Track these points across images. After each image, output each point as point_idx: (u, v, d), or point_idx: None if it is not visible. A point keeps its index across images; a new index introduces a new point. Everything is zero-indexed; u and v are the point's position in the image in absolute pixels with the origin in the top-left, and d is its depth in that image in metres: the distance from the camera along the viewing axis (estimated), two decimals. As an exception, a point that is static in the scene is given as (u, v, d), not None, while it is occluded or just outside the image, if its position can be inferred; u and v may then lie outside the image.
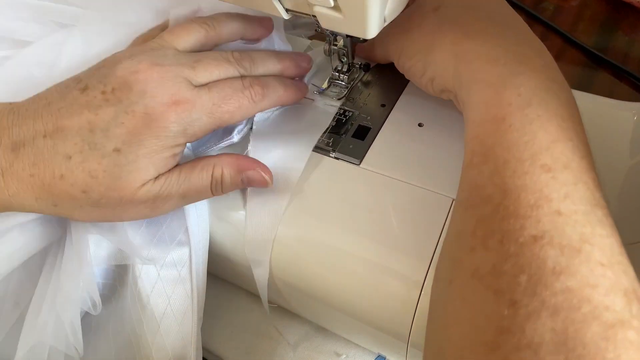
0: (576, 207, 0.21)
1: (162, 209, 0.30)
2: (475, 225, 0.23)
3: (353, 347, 0.37)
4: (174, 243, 0.32)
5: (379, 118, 0.36)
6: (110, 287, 0.34)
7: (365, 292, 0.30)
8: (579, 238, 0.20)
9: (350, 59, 0.37)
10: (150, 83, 0.28)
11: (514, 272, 0.20)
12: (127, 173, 0.27)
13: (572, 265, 0.20)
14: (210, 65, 0.30)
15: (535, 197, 0.22)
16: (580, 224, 0.21)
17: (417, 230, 0.29)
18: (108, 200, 0.28)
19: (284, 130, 0.35)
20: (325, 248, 0.30)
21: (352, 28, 0.27)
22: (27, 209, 0.28)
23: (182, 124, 0.28)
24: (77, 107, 0.27)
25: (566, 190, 0.22)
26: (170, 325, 0.30)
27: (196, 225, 0.32)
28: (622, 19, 0.58)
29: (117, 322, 0.33)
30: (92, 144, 0.27)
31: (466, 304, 0.22)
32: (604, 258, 0.20)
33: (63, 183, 0.27)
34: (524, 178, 0.22)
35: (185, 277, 0.31)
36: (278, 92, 0.33)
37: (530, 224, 0.21)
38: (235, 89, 0.30)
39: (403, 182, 0.32)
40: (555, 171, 0.22)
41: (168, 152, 0.28)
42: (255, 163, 0.32)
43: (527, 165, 0.23)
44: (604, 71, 0.53)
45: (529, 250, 0.20)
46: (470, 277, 0.22)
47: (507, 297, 0.20)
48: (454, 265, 0.24)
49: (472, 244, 0.23)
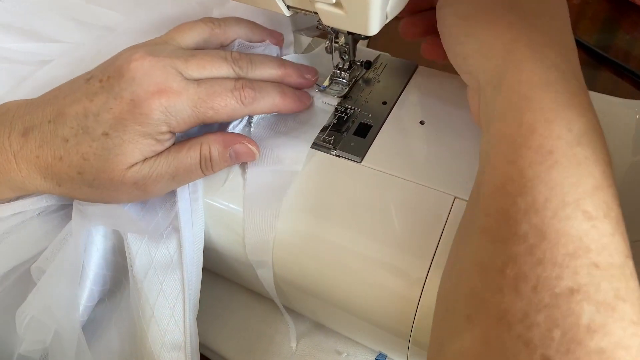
0: (613, 259, 0.20)
1: (154, 191, 0.31)
2: (504, 263, 0.22)
3: (354, 345, 0.37)
4: (168, 229, 0.32)
5: (381, 116, 0.35)
6: (115, 280, 0.34)
7: (366, 290, 0.30)
8: (614, 294, 0.20)
9: (352, 56, 0.37)
10: (140, 71, 0.29)
11: (547, 326, 0.19)
12: (114, 156, 0.29)
13: (607, 324, 0.19)
14: (204, 60, 0.31)
15: (574, 246, 0.20)
16: (616, 278, 0.20)
17: (419, 228, 0.29)
18: (100, 182, 0.29)
19: (281, 130, 0.35)
20: (326, 246, 0.30)
21: (353, 25, 0.27)
22: (39, 190, 0.30)
23: (165, 113, 0.29)
24: (79, 94, 0.29)
25: (605, 241, 0.21)
26: (163, 311, 0.31)
27: (187, 211, 0.32)
28: (623, 17, 0.58)
29: (121, 312, 0.33)
30: (85, 127, 0.29)
31: (491, 350, 0.21)
32: (635, 315, 0.19)
33: (62, 164, 0.29)
34: (565, 223, 0.21)
35: (177, 263, 0.32)
36: (273, 98, 0.33)
37: (567, 274, 0.20)
38: (225, 88, 0.31)
39: (404, 180, 0.31)
40: (596, 220, 0.21)
41: (151, 139, 0.29)
42: (241, 136, 0.32)
43: (569, 210, 0.21)
44: (606, 69, 0.53)
45: (564, 303, 0.20)
46: (496, 320, 0.21)
47: (540, 351, 0.19)
48: (475, 302, 0.22)
49: (499, 283, 0.21)
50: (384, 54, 0.41)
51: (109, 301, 0.34)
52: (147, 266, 0.31)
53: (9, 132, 0.29)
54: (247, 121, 0.36)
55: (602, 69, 0.53)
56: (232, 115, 0.31)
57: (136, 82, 0.28)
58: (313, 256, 0.31)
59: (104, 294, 0.34)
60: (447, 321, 0.24)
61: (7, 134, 0.29)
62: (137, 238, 0.32)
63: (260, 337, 0.37)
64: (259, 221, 0.32)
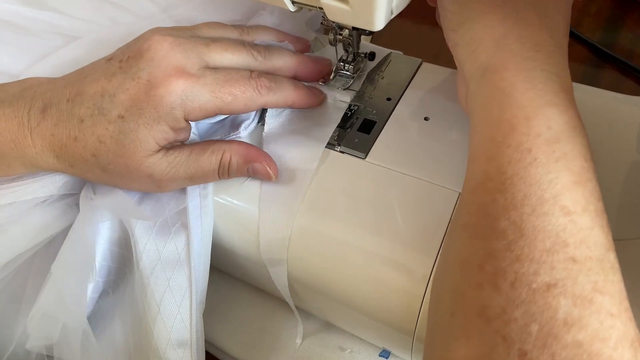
0: (591, 253, 0.21)
1: (168, 187, 0.31)
2: (484, 259, 0.22)
3: (358, 342, 0.37)
4: (176, 226, 0.32)
5: (385, 112, 0.35)
6: (119, 273, 0.34)
7: (371, 286, 0.29)
8: (591, 287, 0.20)
9: (355, 48, 0.37)
10: (160, 52, 0.28)
11: (525, 321, 0.20)
12: (130, 141, 0.28)
13: (583, 317, 0.19)
14: (224, 44, 0.31)
15: (551, 242, 0.21)
16: (594, 272, 0.20)
17: (423, 224, 0.29)
18: (115, 167, 0.29)
19: (295, 129, 0.35)
20: (330, 242, 0.30)
21: (359, 20, 0.27)
22: (50, 168, 0.30)
23: (182, 96, 0.28)
24: (98, 74, 0.29)
25: (583, 235, 0.21)
26: (169, 308, 0.31)
27: (197, 208, 0.32)
28: (627, 15, 0.58)
29: (124, 306, 0.33)
30: (100, 108, 0.28)
31: (471, 345, 0.21)
32: (613, 307, 0.20)
33: (76, 145, 0.29)
34: (542, 219, 0.21)
35: (185, 260, 0.31)
36: (287, 90, 0.33)
37: (544, 270, 0.20)
38: (242, 75, 0.30)
39: (409, 176, 0.31)
40: (574, 214, 0.21)
41: (166, 126, 0.29)
42: (263, 156, 0.32)
43: (547, 206, 0.22)
44: (610, 67, 0.53)
45: (541, 298, 0.20)
46: (475, 315, 0.21)
47: (517, 346, 0.20)
48: (457, 298, 0.23)
49: (479, 279, 0.22)
50: (396, 52, 0.41)
51: (113, 294, 0.34)
52: (154, 262, 0.31)
53: (29, 107, 0.29)
54: (258, 120, 0.36)
55: (606, 66, 0.53)
56: (249, 104, 0.31)
57: (154, 63, 0.28)
58: (317, 252, 0.31)
59: (108, 286, 0.34)
60: (435, 317, 0.24)
61: (27, 108, 0.29)
62: (144, 233, 0.31)
63: (265, 334, 0.37)
64: (275, 219, 0.31)
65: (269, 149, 0.34)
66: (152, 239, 0.31)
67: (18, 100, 0.29)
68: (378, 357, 0.36)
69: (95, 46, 0.32)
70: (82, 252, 0.30)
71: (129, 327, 0.33)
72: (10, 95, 0.30)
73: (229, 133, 0.35)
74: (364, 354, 0.36)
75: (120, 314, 0.33)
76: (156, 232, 0.32)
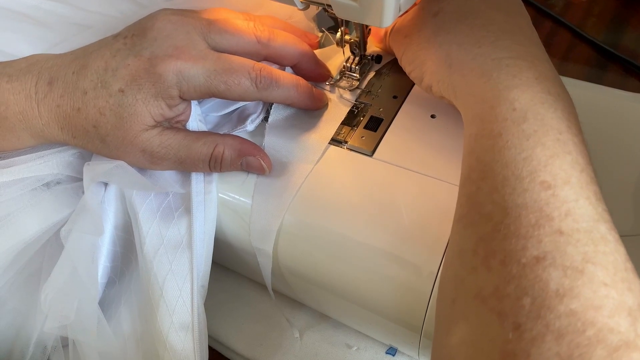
0: (578, 225, 0.21)
1: (159, 165, 0.32)
2: (476, 244, 0.23)
3: (364, 339, 0.37)
4: (179, 210, 0.33)
5: (391, 109, 0.36)
6: (124, 259, 0.34)
7: (378, 283, 0.30)
8: (581, 258, 0.20)
9: (362, 50, 0.37)
10: (163, 32, 0.30)
11: (517, 295, 0.20)
12: (128, 115, 0.29)
13: (575, 287, 0.19)
14: (227, 23, 0.31)
15: (535, 217, 0.21)
16: (582, 242, 0.21)
17: (430, 221, 0.29)
18: (112, 139, 0.30)
19: (298, 125, 0.35)
20: (337, 239, 0.30)
21: (367, 17, 0.27)
22: (56, 139, 0.32)
23: (179, 75, 0.29)
24: (104, 50, 0.30)
25: (567, 207, 0.21)
26: (171, 291, 0.31)
27: (200, 193, 0.33)
28: (631, 14, 0.58)
29: (130, 293, 0.34)
30: (103, 82, 0.29)
31: (470, 325, 0.22)
32: (607, 277, 0.20)
33: (79, 116, 0.30)
34: (523, 196, 0.22)
35: (187, 244, 0.32)
36: (288, 88, 0.33)
37: (532, 244, 0.21)
38: (243, 66, 0.31)
39: (416, 173, 0.31)
40: (555, 188, 0.22)
41: (162, 102, 0.30)
42: (257, 150, 0.33)
43: (526, 183, 0.22)
44: (614, 66, 0.53)
45: (531, 271, 0.20)
46: (472, 297, 0.22)
47: (511, 320, 0.20)
48: (456, 285, 0.23)
49: (473, 263, 0.23)
50: None
51: (119, 283, 0.34)
52: (157, 246, 0.31)
53: (37, 80, 0.30)
54: (264, 114, 0.36)
55: (610, 66, 0.53)
56: (243, 96, 0.31)
57: (157, 42, 0.29)
58: (324, 249, 0.31)
59: (114, 272, 0.34)
60: (439, 308, 0.25)
61: (34, 81, 0.30)
62: (149, 217, 0.32)
63: (270, 330, 0.37)
64: (266, 209, 0.32)
65: (271, 141, 0.34)
66: (155, 223, 0.32)
67: (25, 75, 0.31)
68: (385, 355, 0.36)
69: (105, 34, 0.32)
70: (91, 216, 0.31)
71: (136, 313, 0.33)
72: (18, 70, 0.31)
73: (235, 126, 0.35)
74: (370, 351, 0.36)
75: (126, 301, 0.33)
76: (160, 216, 0.32)
